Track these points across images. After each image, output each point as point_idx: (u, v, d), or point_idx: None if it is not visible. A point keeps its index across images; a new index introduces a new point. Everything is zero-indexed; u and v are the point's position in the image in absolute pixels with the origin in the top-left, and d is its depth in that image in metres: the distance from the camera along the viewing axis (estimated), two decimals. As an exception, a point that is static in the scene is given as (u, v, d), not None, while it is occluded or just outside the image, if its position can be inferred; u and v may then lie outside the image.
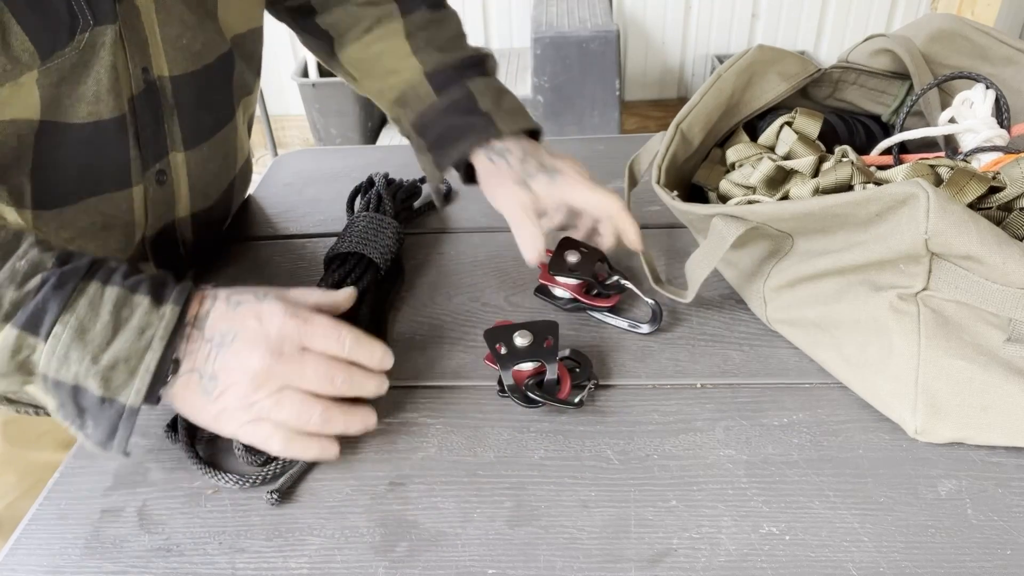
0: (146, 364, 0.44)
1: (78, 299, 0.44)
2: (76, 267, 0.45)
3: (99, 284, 0.45)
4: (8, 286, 0.44)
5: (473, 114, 0.64)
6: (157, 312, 0.45)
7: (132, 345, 0.44)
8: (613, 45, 2.25)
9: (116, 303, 0.45)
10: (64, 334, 0.44)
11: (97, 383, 0.44)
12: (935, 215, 0.43)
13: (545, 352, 0.55)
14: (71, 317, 0.44)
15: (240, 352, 0.46)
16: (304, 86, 2.57)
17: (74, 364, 0.44)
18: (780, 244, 0.55)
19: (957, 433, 0.49)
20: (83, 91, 0.53)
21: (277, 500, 0.48)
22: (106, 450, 0.45)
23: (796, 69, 0.65)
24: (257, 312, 0.48)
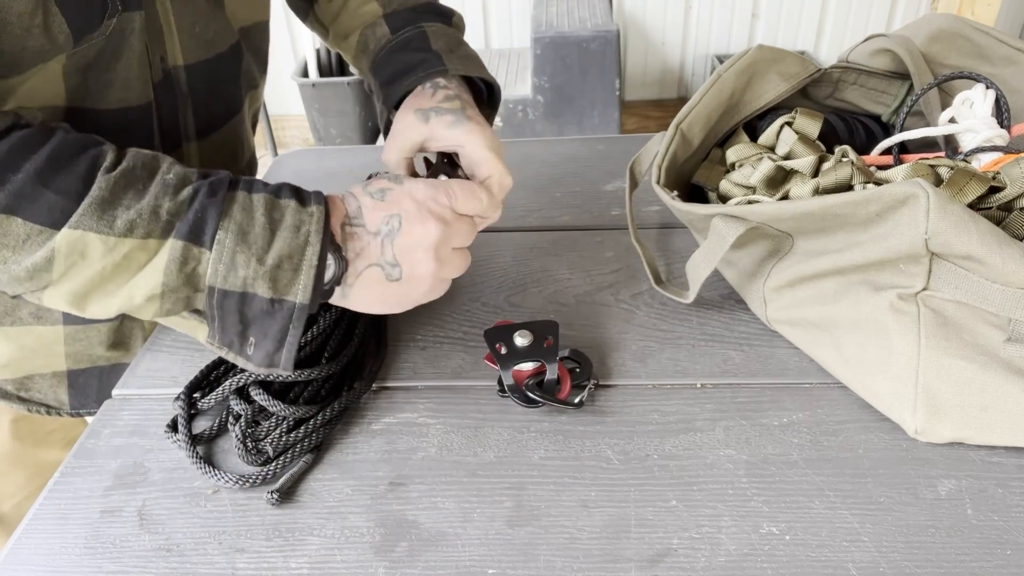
0: (308, 259, 0.45)
1: (231, 206, 0.45)
2: (220, 178, 0.46)
3: (245, 192, 0.46)
4: (163, 197, 0.44)
5: (423, 51, 0.63)
6: (306, 211, 0.46)
7: (292, 242, 0.45)
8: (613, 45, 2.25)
9: (266, 206, 0.46)
10: (227, 239, 0.44)
11: (266, 285, 0.44)
12: (935, 215, 0.43)
13: (545, 352, 0.55)
14: (230, 222, 0.44)
15: (413, 231, 0.48)
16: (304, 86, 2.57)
17: (241, 268, 0.44)
18: (780, 244, 0.55)
19: (957, 433, 0.49)
20: (113, 77, 0.53)
21: (277, 500, 0.48)
22: (271, 365, 0.46)
23: (796, 69, 0.65)
24: (407, 192, 0.49)
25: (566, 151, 0.92)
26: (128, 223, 0.43)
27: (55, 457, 0.78)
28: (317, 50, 2.58)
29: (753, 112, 0.65)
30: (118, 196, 0.43)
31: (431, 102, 0.59)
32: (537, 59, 2.28)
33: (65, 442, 0.79)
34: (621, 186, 0.83)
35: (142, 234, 0.43)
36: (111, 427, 0.56)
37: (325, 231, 0.46)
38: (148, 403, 0.58)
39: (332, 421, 0.54)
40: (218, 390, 0.54)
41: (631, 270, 0.69)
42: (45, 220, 0.42)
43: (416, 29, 0.65)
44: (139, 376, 0.60)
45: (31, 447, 0.77)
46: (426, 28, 0.66)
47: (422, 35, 0.65)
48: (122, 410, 0.57)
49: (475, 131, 0.57)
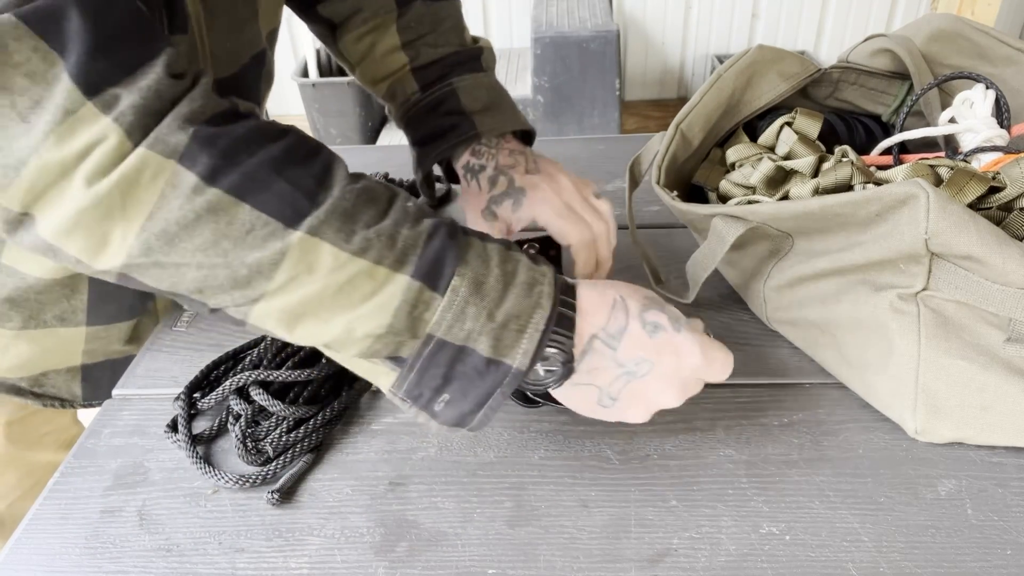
0: (535, 323, 0.41)
1: (469, 251, 0.41)
2: (454, 223, 0.43)
3: (478, 240, 0.42)
4: (403, 224, 0.40)
5: (455, 114, 0.63)
6: (538, 269, 0.43)
7: (523, 301, 0.41)
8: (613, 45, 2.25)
9: (501, 257, 0.42)
10: (462, 288, 0.40)
11: (488, 343, 0.40)
12: (935, 215, 0.43)
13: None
14: (467, 270, 0.40)
15: (651, 387, 0.44)
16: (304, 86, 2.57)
17: (469, 321, 0.40)
18: (780, 244, 0.55)
19: (957, 433, 0.49)
20: None
21: (277, 500, 0.48)
22: (458, 425, 0.42)
23: (796, 69, 0.65)
24: (676, 347, 0.44)
25: (566, 151, 0.92)
26: (364, 241, 0.39)
27: (48, 458, 0.78)
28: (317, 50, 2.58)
29: (753, 112, 0.65)
30: (360, 210, 0.39)
31: (483, 197, 0.60)
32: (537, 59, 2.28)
33: (59, 444, 0.79)
34: (621, 186, 0.83)
35: (374, 257, 0.39)
36: (111, 427, 0.56)
37: (556, 294, 0.42)
38: (148, 403, 0.58)
39: (332, 421, 0.54)
40: (218, 390, 0.54)
41: (631, 270, 0.69)
42: (275, 212, 0.38)
43: (446, 88, 0.64)
44: (139, 376, 0.60)
45: (24, 449, 0.77)
46: (456, 86, 0.64)
47: (452, 95, 0.63)
48: (122, 410, 0.57)
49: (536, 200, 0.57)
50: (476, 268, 0.41)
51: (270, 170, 0.38)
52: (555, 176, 0.60)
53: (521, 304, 0.41)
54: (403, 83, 0.66)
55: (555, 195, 0.58)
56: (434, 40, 0.67)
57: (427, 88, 0.65)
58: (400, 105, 0.67)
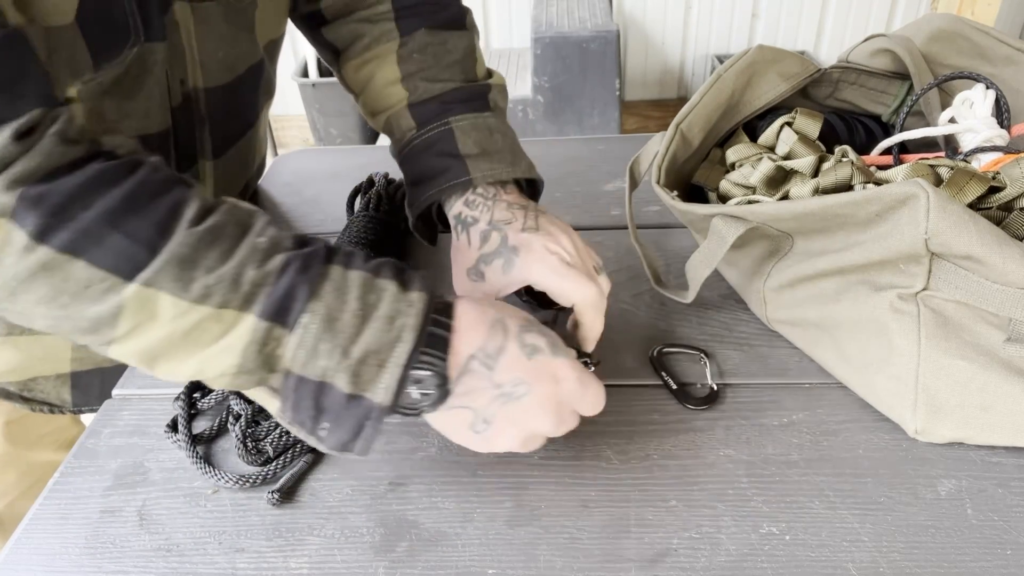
0: (396, 358, 0.40)
1: (323, 284, 0.40)
2: (316, 250, 0.42)
3: (342, 268, 0.41)
4: (248, 264, 0.40)
5: (447, 156, 0.58)
6: (405, 298, 0.41)
7: (382, 336, 0.40)
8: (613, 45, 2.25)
9: (363, 288, 0.41)
10: (313, 324, 0.39)
11: (347, 378, 0.40)
12: (935, 215, 0.43)
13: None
14: (319, 305, 0.40)
15: (527, 411, 0.43)
16: (304, 86, 2.57)
17: (323, 358, 0.39)
18: (780, 244, 0.55)
19: (957, 433, 0.49)
20: (132, 107, 0.52)
21: (277, 500, 0.48)
22: (344, 451, 0.42)
23: (796, 69, 0.65)
24: (553, 371, 0.44)
25: (566, 151, 0.92)
26: (205, 289, 0.38)
27: (47, 458, 0.78)
28: (317, 50, 2.58)
29: (753, 112, 0.65)
30: (200, 255, 0.39)
31: (472, 254, 0.54)
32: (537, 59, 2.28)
33: (58, 444, 0.79)
34: (621, 186, 0.83)
35: (217, 303, 0.39)
36: (111, 427, 0.56)
37: (423, 327, 0.41)
38: (148, 403, 0.58)
39: None
40: (218, 390, 0.54)
41: (631, 270, 0.69)
42: (110, 266, 0.37)
43: (442, 128, 0.59)
44: (139, 376, 0.60)
45: (23, 449, 0.77)
46: (453, 125, 0.59)
47: (448, 135, 0.58)
48: (122, 410, 0.57)
49: (530, 261, 0.51)
50: (330, 303, 0.40)
51: (104, 224, 0.38)
52: (556, 235, 0.53)
53: (380, 339, 0.40)
54: (400, 119, 0.62)
55: (551, 254, 0.51)
56: (435, 74, 0.62)
57: (423, 126, 0.60)
58: (397, 141, 0.63)
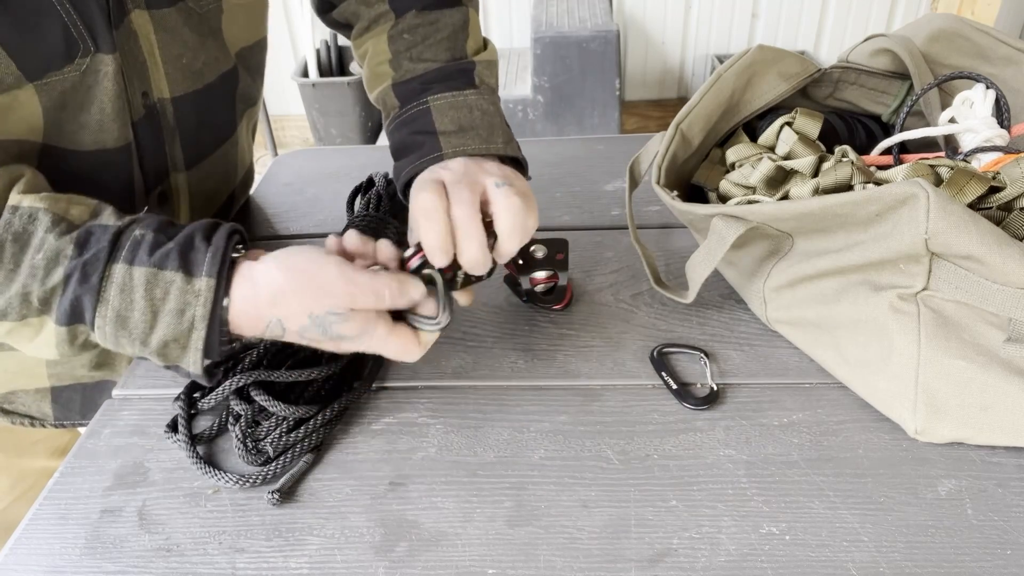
0: (194, 342, 0.44)
1: (108, 287, 0.43)
2: (97, 252, 0.44)
3: (125, 265, 0.44)
4: (31, 283, 0.43)
5: (423, 133, 0.59)
6: (192, 288, 0.44)
7: (175, 328, 0.44)
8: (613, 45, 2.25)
9: (147, 285, 0.43)
10: (106, 326, 0.43)
11: (155, 358, 0.45)
12: (935, 215, 0.43)
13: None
14: (107, 309, 0.43)
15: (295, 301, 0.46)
16: (304, 86, 2.57)
17: (127, 347, 0.44)
18: (780, 244, 0.55)
19: (957, 433, 0.49)
20: (86, 119, 0.52)
21: (278, 500, 0.48)
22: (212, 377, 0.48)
23: (796, 69, 0.65)
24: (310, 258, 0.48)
25: (566, 151, 0.92)
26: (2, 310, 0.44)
27: (41, 465, 0.78)
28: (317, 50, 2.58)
29: (753, 112, 0.65)
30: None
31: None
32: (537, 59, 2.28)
33: (50, 452, 0.79)
34: (621, 186, 0.83)
35: (17, 318, 0.44)
36: (111, 427, 0.56)
37: (212, 314, 0.44)
38: (148, 403, 0.58)
39: (332, 421, 0.54)
40: (218, 390, 0.54)
41: (631, 270, 0.69)
42: None
43: (421, 107, 0.60)
44: (139, 376, 0.60)
45: (15, 457, 0.77)
46: (431, 104, 0.59)
47: (425, 113, 0.59)
48: (122, 410, 0.57)
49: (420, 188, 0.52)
50: (117, 304, 0.43)
51: None
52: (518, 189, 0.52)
53: (175, 330, 0.44)
54: (387, 97, 0.64)
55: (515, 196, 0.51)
56: (420, 53, 0.63)
57: (405, 104, 0.62)
58: (385, 118, 0.65)
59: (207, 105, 0.63)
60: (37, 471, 0.78)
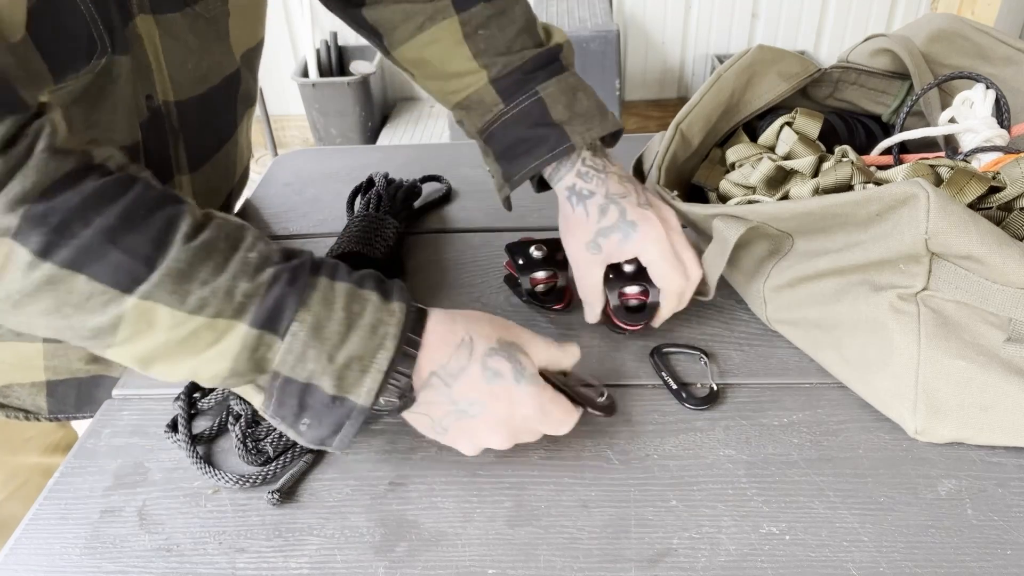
0: (378, 363, 0.43)
1: (311, 295, 0.43)
2: (303, 263, 0.44)
3: (328, 279, 0.44)
4: (241, 277, 0.42)
5: (544, 125, 0.59)
6: (387, 308, 0.44)
7: (366, 343, 0.43)
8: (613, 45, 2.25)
9: (348, 298, 0.44)
10: (302, 332, 0.42)
11: (331, 382, 0.43)
12: (935, 215, 0.43)
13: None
14: (307, 315, 0.42)
15: (479, 428, 0.46)
16: (304, 86, 2.57)
17: (311, 363, 0.42)
18: (780, 244, 0.55)
19: (957, 433, 0.49)
20: (98, 119, 0.52)
21: (278, 500, 0.48)
22: (322, 446, 0.45)
23: (796, 69, 0.65)
24: (511, 397, 0.46)
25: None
26: (200, 301, 0.41)
27: (34, 461, 0.78)
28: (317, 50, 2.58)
29: (753, 112, 0.65)
30: (195, 269, 0.41)
31: (591, 227, 0.57)
32: (537, 59, 2.28)
33: (43, 448, 0.79)
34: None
35: (212, 313, 0.41)
36: (111, 427, 0.56)
37: (403, 336, 0.44)
38: (148, 403, 0.58)
39: None
40: (218, 390, 0.54)
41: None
42: (110, 281, 0.39)
43: (532, 98, 0.59)
44: (139, 376, 0.60)
45: (8, 453, 0.77)
46: (542, 94, 0.59)
47: (539, 105, 0.59)
48: (122, 410, 0.57)
49: (648, 239, 0.55)
50: (317, 312, 0.43)
51: (104, 240, 0.39)
52: (666, 217, 0.57)
53: (364, 346, 0.43)
54: (482, 95, 0.62)
55: (664, 236, 0.55)
56: (508, 46, 0.61)
57: (511, 99, 0.60)
58: (478, 117, 0.62)
59: (211, 108, 0.63)
60: (30, 467, 0.78)
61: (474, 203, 0.81)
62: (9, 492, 0.77)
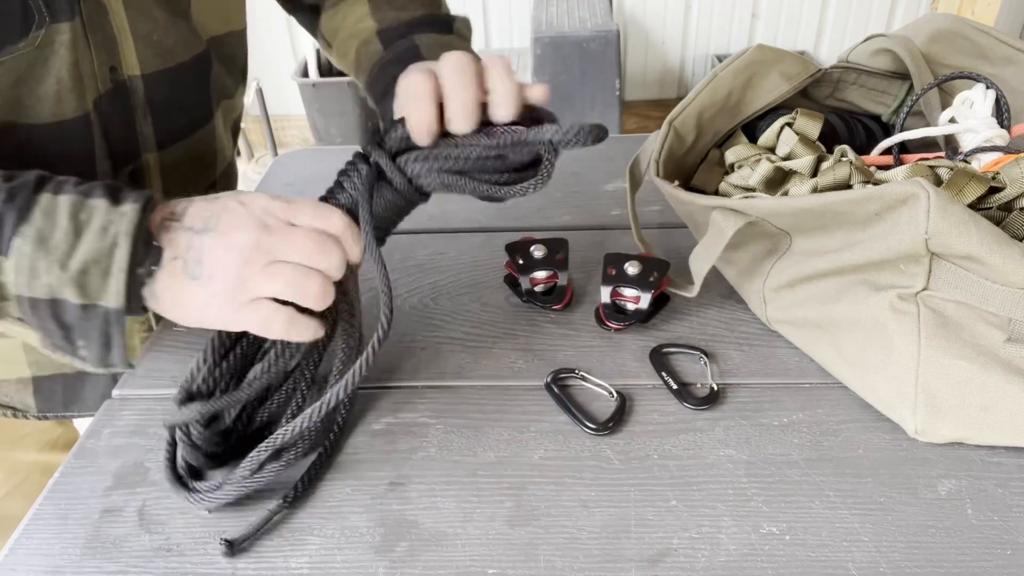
0: (118, 262, 0.42)
1: (32, 210, 0.42)
2: (25, 181, 0.43)
3: (51, 194, 0.43)
4: None
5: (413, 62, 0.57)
6: (117, 210, 0.43)
7: (97, 245, 0.42)
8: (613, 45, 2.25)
9: (72, 208, 0.43)
10: (25, 246, 0.42)
11: (73, 291, 0.42)
12: (935, 215, 0.43)
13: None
14: (28, 228, 0.42)
15: (225, 232, 0.44)
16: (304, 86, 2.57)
17: (43, 275, 0.42)
18: (778, 243, 0.55)
19: (957, 433, 0.49)
20: (44, 90, 0.52)
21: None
22: (108, 366, 0.44)
23: (797, 69, 0.65)
24: (239, 197, 0.46)
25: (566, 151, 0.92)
26: None
27: (32, 458, 0.78)
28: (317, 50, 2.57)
29: (754, 112, 0.65)
30: None
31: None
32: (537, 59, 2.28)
33: (41, 444, 0.78)
34: (621, 186, 0.83)
35: None
36: (111, 427, 0.55)
37: (138, 231, 0.43)
38: (148, 403, 0.58)
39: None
40: None
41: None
42: None
43: (407, 43, 0.63)
44: (139, 376, 0.60)
45: (6, 450, 0.77)
46: (417, 41, 0.62)
47: (412, 48, 0.62)
48: (122, 410, 0.57)
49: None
50: (40, 225, 0.42)
51: None
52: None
53: (97, 249, 0.42)
54: (368, 46, 0.65)
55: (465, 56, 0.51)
56: (403, 5, 0.66)
57: (388, 47, 0.64)
58: (364, 71, 0.65)
59: (179, 86, 0.63)
60: (28, 464, 0.78)
61: (474, 203, 0.81)
62: (9, 489, 0.77)
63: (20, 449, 0.77)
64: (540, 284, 0.63)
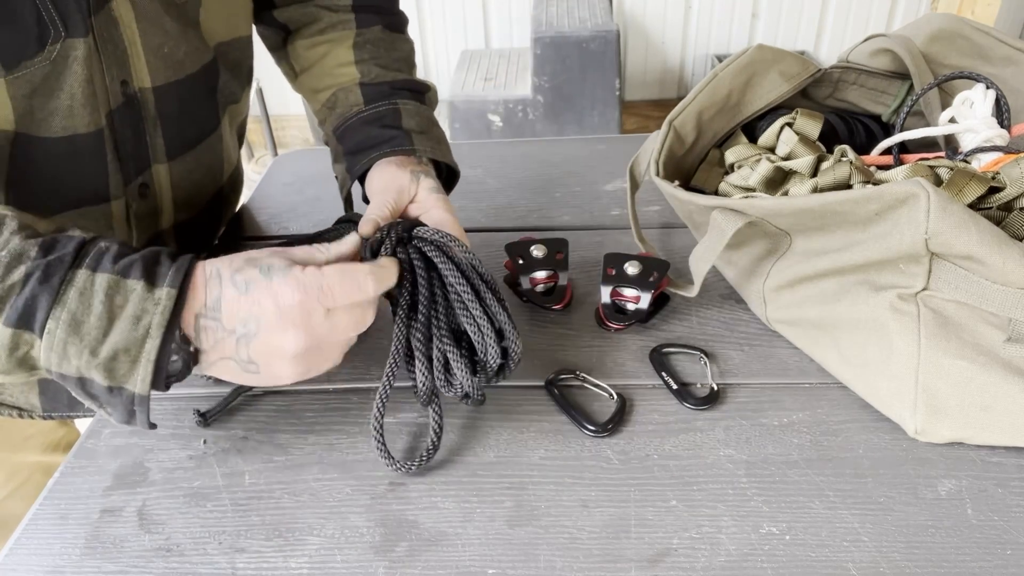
0: (147, 353, 0.42)
1: (67, 290, 0.42)
2: (62, 256, 0.43)
3: (88, 272, 0.43)
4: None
5: (394, 129, 0.63)
6: (152, 297, 0.43)
7: (129, 335, 0.42)
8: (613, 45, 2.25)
9: (108, 291, 0.43)
10: (58, 330, 0.42)
11: (101, 375, 0.42)
12: (935, 215, 0.43)
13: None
14: (62, 311, 0.42)
15: (270, 340, 0.45)
16: (304, 86, 2.56)
17: (73, 358, 0.42)
18: (778, 243, 0.55)
19: (957, 433, 0.49)
20: (56, 105, 0.52)
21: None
22: (132, 426, 0.45)
23: (797, 69, 0.65)
24: (270, 293, 0.45)
25: (566, 151, 0.92)
26: None
27: (35, 459, 0.78)
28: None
29: (754, 112, 0.65)
30: None
31: (419, 166, 0.60)
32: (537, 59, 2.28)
33: (44, 446, 0.78)
34: (621, 186, 0.83)
35: None
36: (111, 427, 0.55)
37: (170, 324, 0.43)
38: (148, 403, 0.57)
39: None
40: None
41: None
42: None
43: (390, 105, 0.65)
44: (139, 376, 0.60)
45: (9, 452, 0.76)
46: (400, 106, 0.65)
47: (395, 112, 0.65)
48: (122, 410, 0.57)
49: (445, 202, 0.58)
50: (74, 308, 0.42)
51: None
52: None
53: (128, 338, 0.42)
54: (347, 94, 0.67)
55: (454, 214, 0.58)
56: (386, 64, 0.69)
57: (371, 103, 0.66)
58: (338, 116, 0.67)
59: (189, 96, 0.63)
60: (31, 466, 0.78)
61: (474, 203, 0.81)
62: (10, 490, 0.77)
63: (23, 451, 0.77)
64: (540, 284, 0.63)
